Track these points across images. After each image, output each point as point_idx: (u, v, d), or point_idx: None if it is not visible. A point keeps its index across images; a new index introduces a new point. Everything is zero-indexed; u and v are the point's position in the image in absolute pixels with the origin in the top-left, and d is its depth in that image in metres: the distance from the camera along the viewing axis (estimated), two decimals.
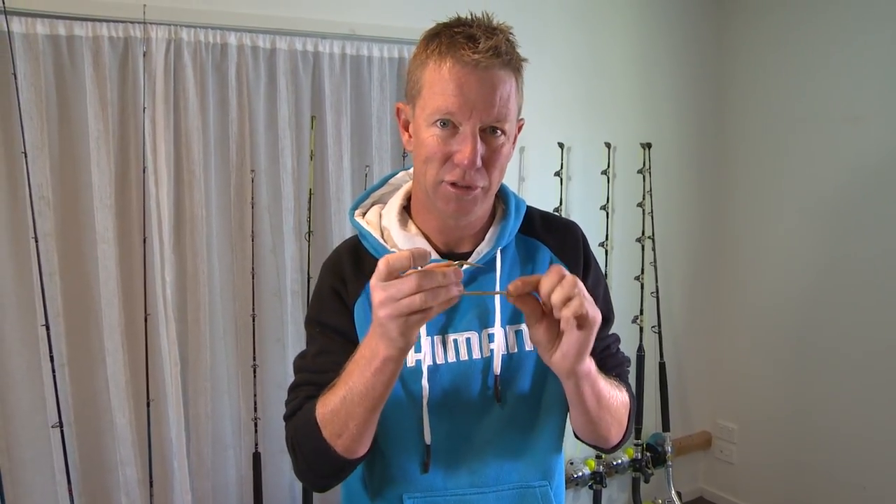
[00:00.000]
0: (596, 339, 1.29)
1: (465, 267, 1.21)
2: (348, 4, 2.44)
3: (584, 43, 2.98)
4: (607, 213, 3.05)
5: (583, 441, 1.28)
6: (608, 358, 1.30)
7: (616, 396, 1.20)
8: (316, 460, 1.14)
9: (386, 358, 1.00)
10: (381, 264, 0.94)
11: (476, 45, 1.08)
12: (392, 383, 1.05)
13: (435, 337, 1.22)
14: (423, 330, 1.19)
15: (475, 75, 1.09)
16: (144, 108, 2.12)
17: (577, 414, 1.19)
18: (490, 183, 1.15)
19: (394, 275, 0.94)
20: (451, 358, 1.22)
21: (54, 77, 2.04)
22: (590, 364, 1.09)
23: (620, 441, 1.28)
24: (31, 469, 2.06)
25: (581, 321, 1.00)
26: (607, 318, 1.34)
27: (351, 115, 2.48)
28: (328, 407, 1.09)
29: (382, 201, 1.34)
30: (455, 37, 1.10)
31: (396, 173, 1.36)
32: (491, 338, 1.22)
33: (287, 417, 1.23)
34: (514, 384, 1.21)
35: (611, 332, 1.37)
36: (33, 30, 1.98)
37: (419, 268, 0.95)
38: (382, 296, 0.94)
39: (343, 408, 1.07)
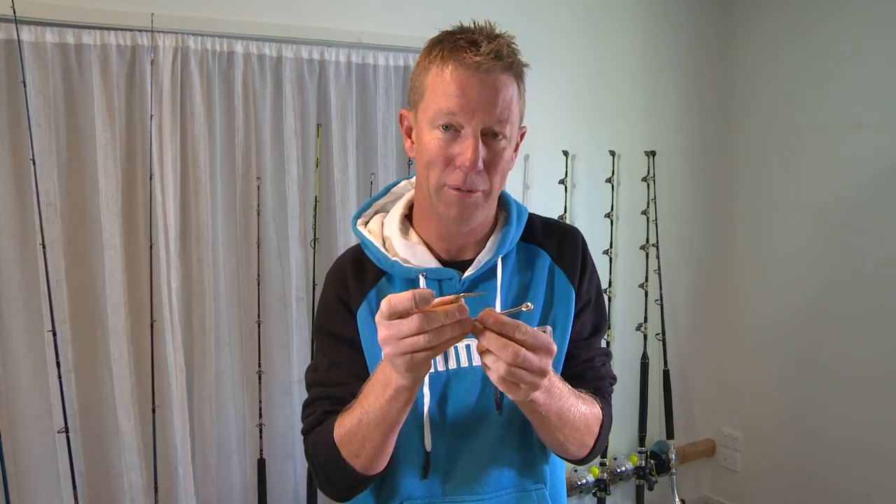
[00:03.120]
0: (581, 349, 1.28)
1: (466, 275, 1.22)
2: (354, 13, 2.45)
3: (589, 52, 2.99)
4: (611, 221, 3.05)
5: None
6: (588, 371, 1.29)
7: (582, 413, 1.16)
8: (335, 476, 1.17)
9: (399, 387, 1.01)
10: (384, 304, 0.93)
11: (478, 48, 1.10)
12: (408, 408, 1.06)
13: None
14: None
15: (477, 77, 1.10)
16: (151, 116, 2.13)
17: (534, 424, 1.16)
18: (491, 187, 1.16)
19: (396, 316, 0.93)
20: (452, 365, 1.23)
21: (62, 85, 2.05)
22: (544, 391, 1.04)
23: (584, 458, 1.25)
24: (37, 474, 2.07)
25: (500, 385, 0.97)
26: (598, 328, 1.33)
27: (356, 122, 2.49)
28: (345, 428, 1.12)
29: (385, 210, 1.34)
30: (457, 42, 1.12)
31: (399, 182, 1.37)
32: None
33: (306, 432, 1.24)
34: None
35: (601, 346, 1.35)
36: (42, 38, 1.99)
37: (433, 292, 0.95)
38: (386, 334, 0.94)
39: (360, 430, 1.09)
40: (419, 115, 1.17)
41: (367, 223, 1.32)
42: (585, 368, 1.28)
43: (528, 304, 1.02)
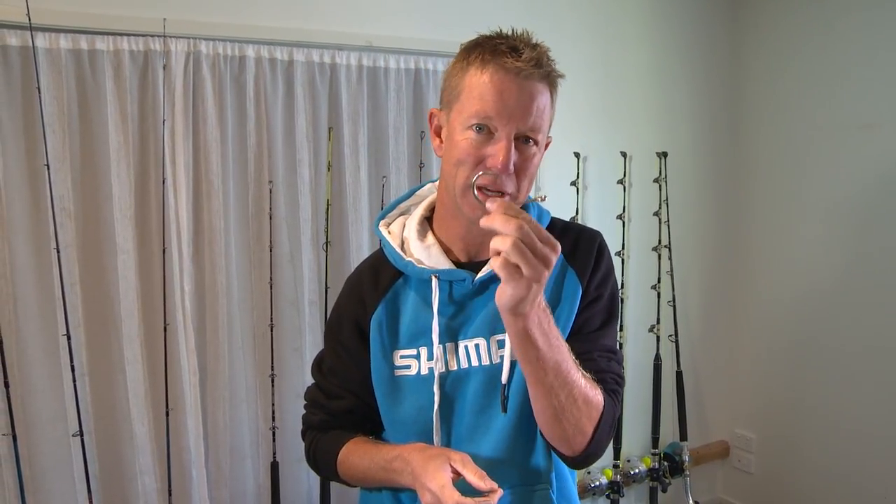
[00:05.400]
0: (579, 342, 1.24)
1: (479, 277, 1.25)
2: (365, 16, 2.46)
3: (599, 53, 2.99)
4: (623, 223, 3.04)
5: (547, 440, 1.20)
6: (586, 363, 1.21)
7: (581, 385, 1.10)
8: (331, 478, 1.38)
9: (408, 483, 1.17)
10: None
11: (519, 55, 1.12)
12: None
13: (447, 344, 1.26)
14: (435, 337, 1.24)
15: (516, 83, 1.12)
16: (164, 121, 2.14)
17: (530, 385, 1.11)
18: (519, 191, 1.18)
19: None
20: (464, 364, 1.25)
21: (76, 90, 2.07)
22: (542, 333, 1.03)
23: (581, 453, 1.16)
24: (52, 477, 2.08)
25: (502, 271, 0.96)
26: (606, 325, 1.30)
27: (368, 126, 2.49)
28: (350, 459, 1.29)
29: (409, 212, 1.38)
30: (498, 46, 1.14)
31: (424, 185, 1.41)
32: (500, 344, 1.24)
33: (305, 427, 1.40)
34: (519, 390, 1.22)
35: (607, 344, 1.29)
36: (56, 45, 2.01)
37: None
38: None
39: (362, 474, 1.28)
40: (453, 114, 1.19)
41: (389, 224, 1.36)
42: (584, 360, 1.21)
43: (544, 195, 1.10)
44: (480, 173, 1.14)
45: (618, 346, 1.34)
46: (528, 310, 0.99)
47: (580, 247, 1.31)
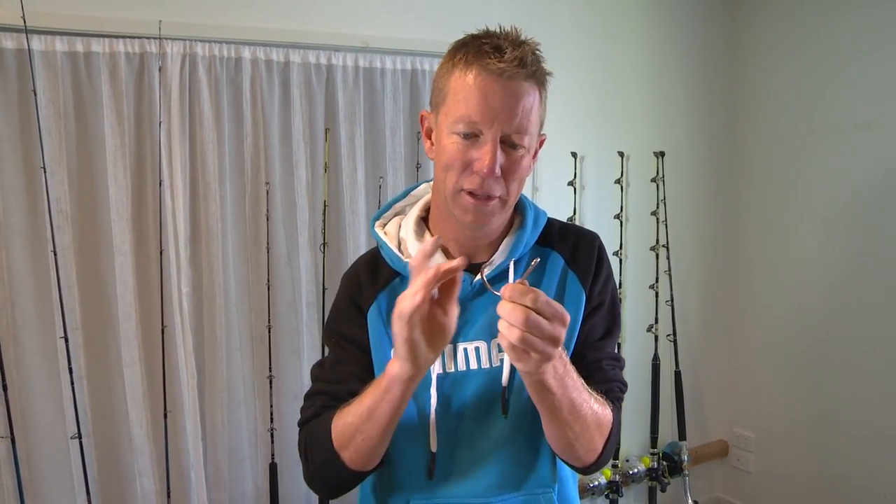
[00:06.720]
0: (588, 351, 1.26)
1: (476, 279, 1.23)
2: (361, 17, 2.46)
3: (597, 52, 2.99)
4: (621, 222, 3.04)
5: (555, 452, 1.22)
6: (595, 372, 1.25)
7: (594, 411, 1.13)
8: (325, 469, 1.18)
9: (393, 377, 1.04)
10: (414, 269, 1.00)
11: (502, 55, 1.10)
12: (399, 407, 1.07)
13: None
14: None
15: (499, 84, 1.10)
16: (160, 122, 2.14)
17: (544, 419, 1.13)
18: (508, 194, 1.16)
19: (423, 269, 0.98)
20: (462, 367, 1.23)
21: (72, 93, 2.07)
22: (558, 378, 1.04)
23: (591, 464, 1.20)
24: (51, 480, 2.08)
25: (510, 354, 0.97)
26: (610, 332, 1.31)
27: (364, 126, 2.49)
28: (342, 419, 1.14)
29: (404, 213, 1.36)
30: (482, 46, 1.12)
31: (419, 185, 1.39)
32: (501, 348, 1.23)
33: (301, 424, 1.28)
34: (520, 394, 1.21)
35: (611, 350, 1.31)
36: (52, 47, 2.01)
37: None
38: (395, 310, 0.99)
39: (353, 421, 1.11)
40: (440, 117, 1.17)
41: (385, 225, 1.34)
42: (593, 370, 1.24)
43: (536, 258, 1.05)
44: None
45: (617, 351, 1.35)
46: (543, 372, 1.01)
47: (580, 250, 1.30)
